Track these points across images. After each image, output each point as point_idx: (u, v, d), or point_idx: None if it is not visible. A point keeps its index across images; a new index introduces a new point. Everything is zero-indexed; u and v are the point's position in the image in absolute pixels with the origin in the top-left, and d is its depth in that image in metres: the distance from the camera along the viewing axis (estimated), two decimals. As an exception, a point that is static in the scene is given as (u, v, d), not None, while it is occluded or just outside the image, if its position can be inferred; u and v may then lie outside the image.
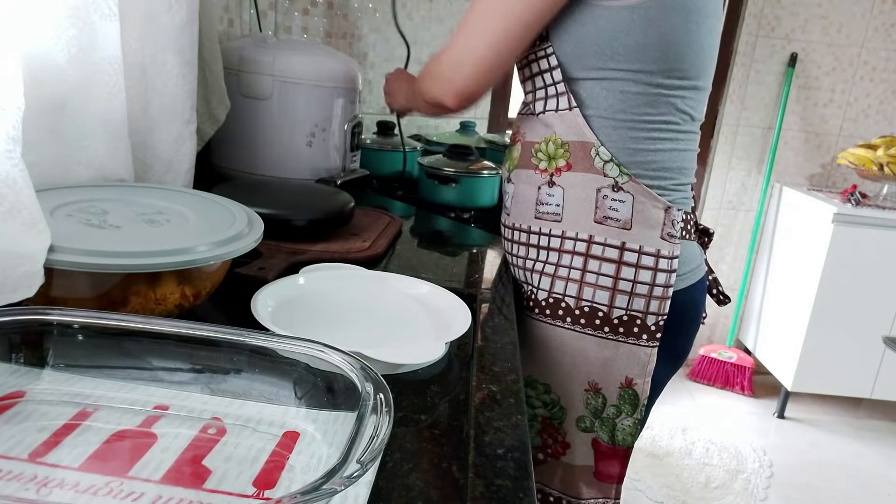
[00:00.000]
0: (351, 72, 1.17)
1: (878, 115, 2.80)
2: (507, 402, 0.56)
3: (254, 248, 0.66)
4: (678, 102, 0.81)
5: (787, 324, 2.67)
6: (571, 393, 0.85)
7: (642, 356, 0.83)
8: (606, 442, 0.86)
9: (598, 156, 0.81)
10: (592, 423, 0.86)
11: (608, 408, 0.85)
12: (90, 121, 0.77)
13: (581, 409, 0.86)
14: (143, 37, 0.83)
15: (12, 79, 0.55)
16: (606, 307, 0.82)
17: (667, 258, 0.81)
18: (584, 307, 0.82)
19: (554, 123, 0.83)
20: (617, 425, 0.85)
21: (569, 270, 0.83)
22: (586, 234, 0.82)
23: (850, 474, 2.35)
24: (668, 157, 0.82)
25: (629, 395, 0.84)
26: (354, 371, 0.45)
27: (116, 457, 0.43)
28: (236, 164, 1.14)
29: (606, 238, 0.81)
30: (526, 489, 0.45)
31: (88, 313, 0.49)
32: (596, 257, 0.82)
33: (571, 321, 0.83)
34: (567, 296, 0.83)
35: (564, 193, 0.83)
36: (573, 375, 0.84)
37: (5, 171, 0.54)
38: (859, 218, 2.45)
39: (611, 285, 0.81)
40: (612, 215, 0.81)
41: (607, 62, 0.78)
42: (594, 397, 0.85)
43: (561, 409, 0.87)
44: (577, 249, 0.82)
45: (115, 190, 0.74)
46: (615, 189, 0.81)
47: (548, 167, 0.84)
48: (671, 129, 0.82)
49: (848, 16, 2.66)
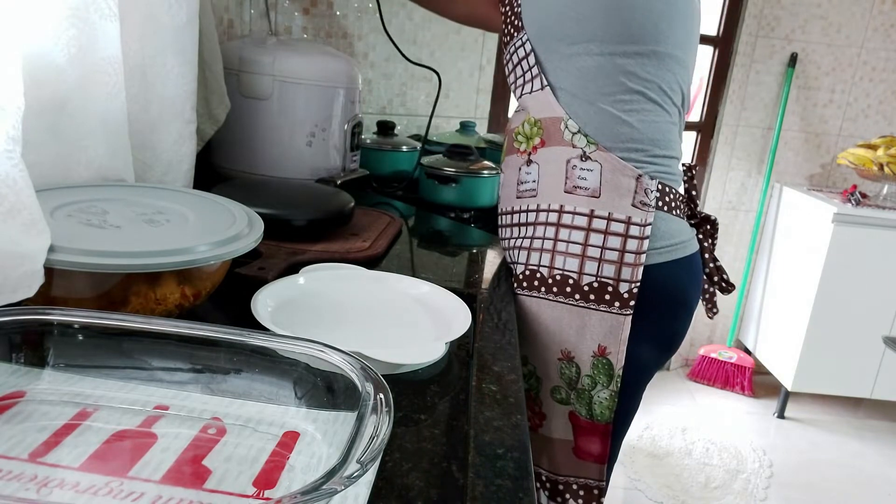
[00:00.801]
0: (351, 72, 1.17)
1: (877, 115, 2.80)
2: (507, 402, 0.56)
3: (254, 248, 0.66)
4: (638, 70, 0.82)
5: (787, 324, 2.67)
6: (546, 362, 0.87)
7: (615, 324, 0.83)
8: (585, 416, 0.87)
9: (567, 128, 0.83)
10: (568, 394, 0.87)
11: (583, 378, 0.85)
12: (90, 121, 0.77)
13: (556, 379, 0.87)
14: (144, 37, 0.83)
15: (12, 79, 0.55)
16: (576, 274, 0.83)
17: (638, 225, 0.82)
18: (556, 275, 0.84)
19: (528, 105, 0.86)
20: (593, 398, 0.86)
21: (542, 241, 0.85)
22: (557, 204, 0.84)
23: (850, 474, 2.35)
24: (636, 129, 0.83)
25: (603, 365, 0.84)
26: (354, 371, 0.45)
27: (116, 457, 0.43)
28: (236, 164, 1.14)
29: (576, 207, 0.83)
30: (526, 489, 0.45)
31: (88, 313, 0.49)
32: (566, 226, 0.84)
33: (545, 290, 0.85)
34: (541, 266, 0.85)
35: (539, 169, 0.86)
36: (547, 344, 0.86)
37: (5, 171, 0.54)
38: (859, 218, 2.45)
39: (580, 252, 0.83)
40: (581, 184, 0.83)
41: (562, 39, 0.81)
42: (567, 366, 0.85)
43: (537, 378, 0.88)
44: (549, 220, 0.85)
45: (115, 190, 0.74)
46: (583, 159, 0.83)
47: (526, 147, 0.88)
48: (636, 100, 0.83)
49: (848, 16, 2.67)
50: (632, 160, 0.83)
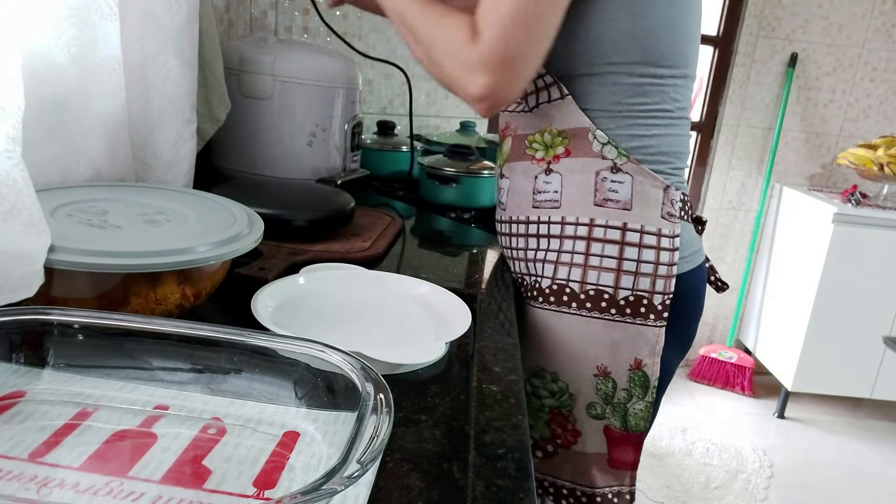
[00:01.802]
0: (351, 72, 1.17)
1: (878, 115, 2.80)
2: (507, 402, 0.56)
3: (254, 248, 0.66)
4: (670, 91, 0.82)
5: (787, 324, 2.67)
6: (580, 379, 0.84)
7: (650, 336, 0.83)
8: (619, 428, 0.86)
9: (596, 139, 0.81)
10: (604, 409, 0.85)
11: (619, 392, 0.84)
12: (90, 121, 0.77)
13: (591, 395, 0.85)
14: (144, 37, 0.83)
15: (12, 79, 0.55)
16: (612, 288, 0.81)
17: (668, 237, 0.82)
18: (590, 290, 0.82)
19: (549, 114, 0.83)
20: (629, 410, 0.85)
21: (571, 255, 0.83)
22: (587, 217, 0.82)
23: (850, 474, 2.35)
24: (664, 141, 0.83)
25: (639, 378, 0.84)
26: (355, 371, 0.45)
27: (116, 457, 0.43)
28: (236, 164, 1.14)
29: (608, 220, 0.81)
30: (526, 489, 0.45)
31: (89, 313, 0.49)
32: (598, 240, 0.82)
33: (577, 306, 0.83)
34: (571, 281, 0.83)
35: (562, 179, 0.84)
36: (581, 361, 0.84)
37: (5, 171, 0.54)
38: (859, 218, 2.45)
39: (615, 266, 0.81)
40: (612, 196, 0.81)
41: (596, 58, 0.79)
42: (604, 382, 0.84)
43: (570, 396, 0.86)
44: (579, 234, 0.82)
45: (115, 190, 0.74)
46: (614, 171, 0.81)
47: (545, 156, 0.85)
48: (665, 117, 0.83)
49: (848, 16, 2.67)
50: (659, 172, 0.83)
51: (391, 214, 1.09)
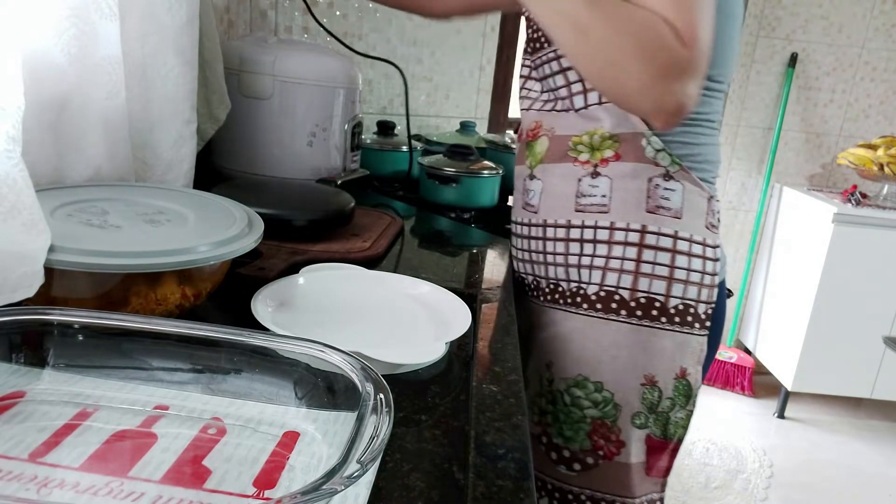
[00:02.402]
0: (351, 72, 1.17)
1: (878, 115, 2.80)
2: (507, 402, 0.56)
3: (254, 248, 0.66)
4: (715, 102, 0.83)
5: (787, 324, 2.67)
6: (627, 388, 0.82)
7: (695, 345, 0.83)
8: (659, 436, 0.85)
9: (650, 145, 0.80)
10: (647, 418, 0.83)
11: (664, 401, 0.83)
12: (90, 120, 0.77)
13: (637, 404, 0.83)
14: (144, 37, 0.83)
15: (12, 79, 0.55)
16: (663, 296, 0.81)
17: (711, 247, 0.82)
18: (641, 298, 0.81)
19: (600, 116, 0.81)
20: (670, 418, 0.84)
21: (622, 262, 0.81)
22: (638, 224, 0.81)
23: (850, 474, 2.35)
24: (708, 150, 0.83)
25: (683, 387, 0.83)
26: (355, 371, 0.45)
27: (116, 457, 0.43)
28: (236, 164, 1.14)
29: (660, 227, 0.80)
30: (526, 489, 0.45)
31: (89, 313, 0.49)
32: (650, 247, 0.80)
33: (627, 313, 0.81)
34: (621, 288, 0.81)
35: (612, 184, 0.81)
36: (629, 369, 0.82)
37: (5, 170, 0.54)
38: (859, 218, 2.45)
39: (667, 274, 0.80)
40: (664, 204, 0.80)
41: None
42: (650, 391, 0.83)
43: (615, 406, 0.83)
44: (630, 240, 0.81)
45: (115, 190, 0.74)
46: (666, 178, 0.80)
47: (590, 158, 0.83)
48: (710, 126, 0.83)
49: (848, 16, 2.67)
50: (704, 181, 0.83)
51: (391, 214, 1.09)
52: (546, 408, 0.86)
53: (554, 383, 0.85)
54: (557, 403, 0.85)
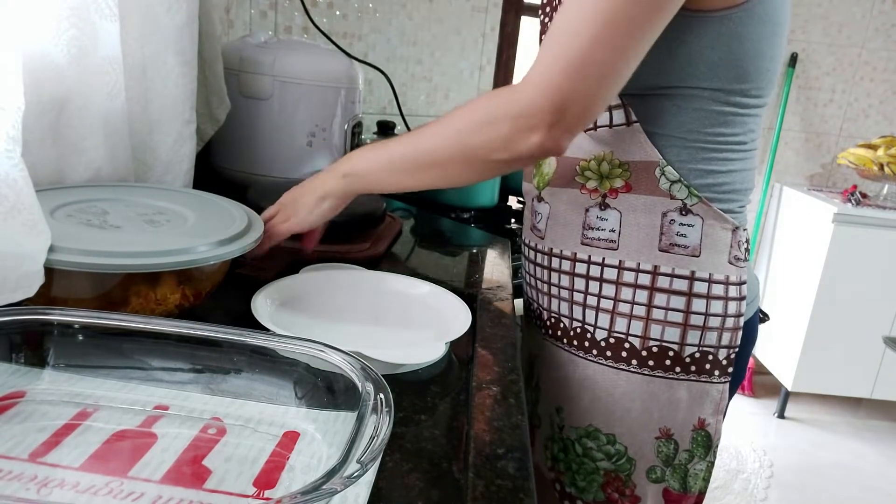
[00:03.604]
0: (351, 72, 1.17)
1: (878, 115, 2.80)
2: (507, 402, 0.56)
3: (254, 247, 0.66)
4: (750, 121, 0.73)
5: (787, 324, 2.67)
6: (642, 442, 0.77)
7: (714, 394, 0.76)
8: (677, 490, 0.78)
9: (664, 175, 0.72)
10: (664, 471, 0.78)
11: (680, 453, 0.77)
12: (90, 121, 0.77)
13: (652, 458, 0.77)
14: (144, 37, 0.83)
15: (12, 79, 0.55)
16: (677, 345, 0.74)
17: (735, 284, 0.74)
18: (652, 347, 0.74)
19: (608, 140, 0.73)
20: (689, 470, 0.78)
21: (631, 306, 0.74)
22: (650, 264, 0.73)
23: (850, 474, 2.35)
24: (738, 177, 0.75)
25: (702, 438, 0.77)
26: (354, 371, 0.45)
27: (117, 457, 0.43)
28: (236, 164, 1.14)
29: (674, 268, 0.73)
30: (526, 489, 0.45)
31: (89, 313, 0.49)
32: (663, 290, 0.73)
33: (638, 363, 0.75)
34: (631, 335, 0.74)
35: (622, 218, 0.74)
36: (643, 422, 0.76)
37: (5, 171, 0.54)
38: (859, 218, 2.45)
39: (681, 321, 0.73)
40: (680, 241, 0.73)
41: (685, 79, 0.69)
42: (666, 444, 0.77)
43: (629, 460, 0.77)
44: (640, 282, 0.73)
45: (115, 190, 0.74)
46: (683, 212, 0.72)
47: (599, 187, 0.75)
48: (741, 149, 0.74)
49: (848, 16, 2.67)
50: (729, 212, 0.74)
51: (391, 215, 1.09)
52: (558, 455, 0.82)
53: (565, 430, 0.80)
54: (569, 452, 0.80)
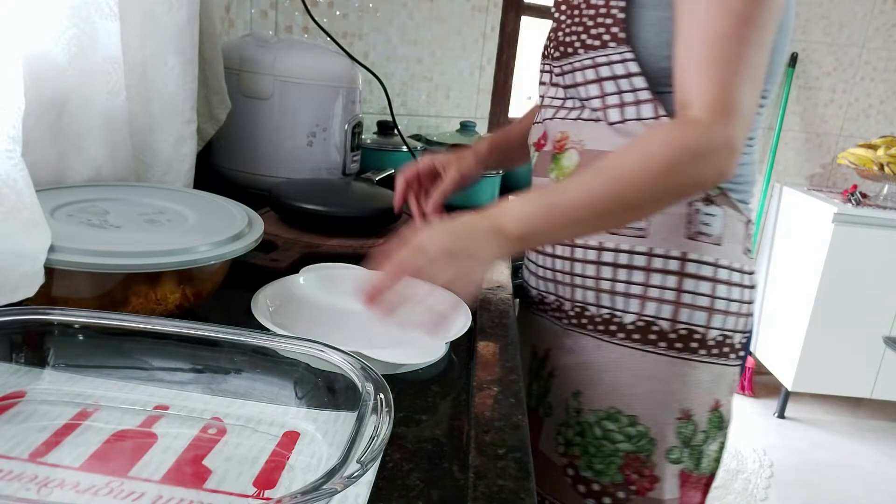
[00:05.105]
0: (351, 72, 1.17)
1: (878, 115, 2.80)
2: (507, 402, 0.56)
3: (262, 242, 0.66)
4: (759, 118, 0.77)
5: (787, 324, 2.67)
6: (663, 423, 0.79)
7: (729, 376, 0.80)
8: (692, 471, 0.81)
9: None
10: (682, 452, 0.80)
11: (698, 434, 0.80)
12: (90, 121, 0.77)
13: (673, 439, 0.79)
14: (144, 37, 0.83)
15: (12, 78, 0.55)
16: (703, 328, 0.77)
17: (748, 273, 0.79)
18: (681, 329, 0.77)
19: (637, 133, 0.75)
20: (703, 452, 0.81)
21: (661, 291, 0.77)
22: (678, 251, 0.76)
23: (850, 474, 2.35)
24: (747, 170, 0.79)
25: (716, 419, 0.81)
26: (355, 371, 0.45)
27: (117, 457, 0.43)
28: (237, 164, 1.14)
29: (701, 255, 0.76)
30: (526, 489, 0.45)
31: (89, 313, 0.49)
32: (691, 275, 0.76)
33: (666, 345, 0.77)
34: (660, 318, 0.77)
35: None
36: (666, 404, 0.78)
37: (6, 170, 0.54)
38: (859, 218, 2.45)
39: (708, 305, 0.77)
40: (705, 230, 0.76)
41: None
42: (685, 425, 0.79)
43: (650, 440, 0.79)
44: (670, 268, 0.76)
45: (115, 190, 0.74)
46: (707, 202, 0.76)
47: None
48: (750, 144, 0.79)
49: (849, 16, 2.67)
50: (742, 202, 0.79)
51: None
52: (573, 439, 0.82)
53: (582, 414, 0.81)
54: (587, 435, 0.81)
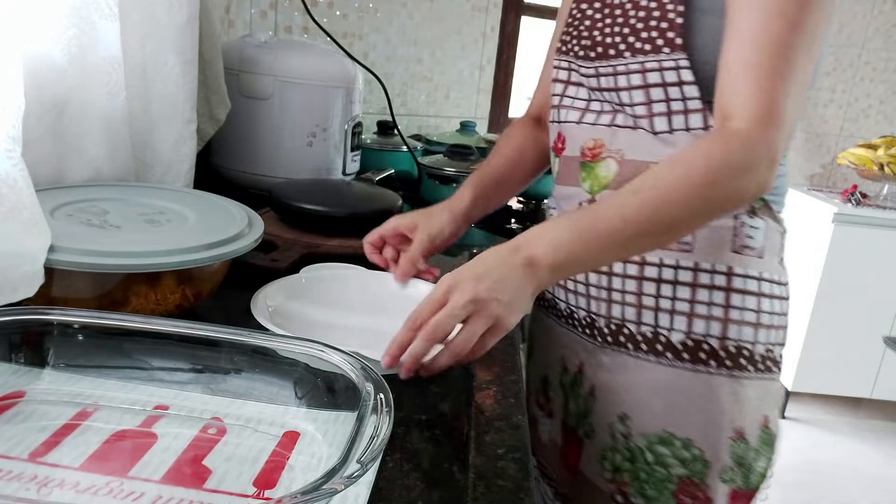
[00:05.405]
0: (351, 72, 1.17)
1: (878, 115, 2.81)
2: (507, 402, 0.56)
3: (261, 242, 0.66)
4: None
5: (787, 324, 2.67)
6: (718, 444, 0.76)
7: (775, 391, 0.78)
8: (741, 488, 0.79)
9: None
10: (735, 472, 0.78)
11: (749, 452, 0.77)
12: (90, 121, 0.77)
13: (727, 459, 0.76)
14: (144, 37, 0.83)
15: (12, 79, 0.55)
16: (752, 344, 0.75)
17: (784, 285, 0.78)
18: (730, 347, 0.74)
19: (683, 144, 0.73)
20: (753, 468, 0.78)
21: (709, 307, 0.74)
22: (724, 265, 0.74)
23: (850, 474, 2.35)
24: (783, 181, 0.79)
25: (766, 436, 0.78)
26: (355, 371, 0.45)
27: (117, 457, 0.43)
28: (236, 164, 1.14)
29: (746, 269, 0.74)
30: (526, 489, 0.45)
31: (89, 313, 0.49)
32: (738, 290, 0.74)
33: (717, 364, 0.74)
34: (710, 336, 0.74)
35: None
36: (719, 424, 0.75)
37: (6, 170, 0.54)
38: (859, 218, 2.45)
39: (755, 320, 0.74)
40: (749, 244, 0.75)
41: None
42: (738, 444, 0.76)
43: (704, 463, 0.76)
44: (716, 283, 0.74)
45: (115, 190, 0.74)
46: (751, 215, 0.75)
47: None
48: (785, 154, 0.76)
49: (849, 16, 2.67)
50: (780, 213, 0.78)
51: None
52: (622, 465, 0.79)
53: (631, 438, 0.77)
54: (637, 461, 0.77)
